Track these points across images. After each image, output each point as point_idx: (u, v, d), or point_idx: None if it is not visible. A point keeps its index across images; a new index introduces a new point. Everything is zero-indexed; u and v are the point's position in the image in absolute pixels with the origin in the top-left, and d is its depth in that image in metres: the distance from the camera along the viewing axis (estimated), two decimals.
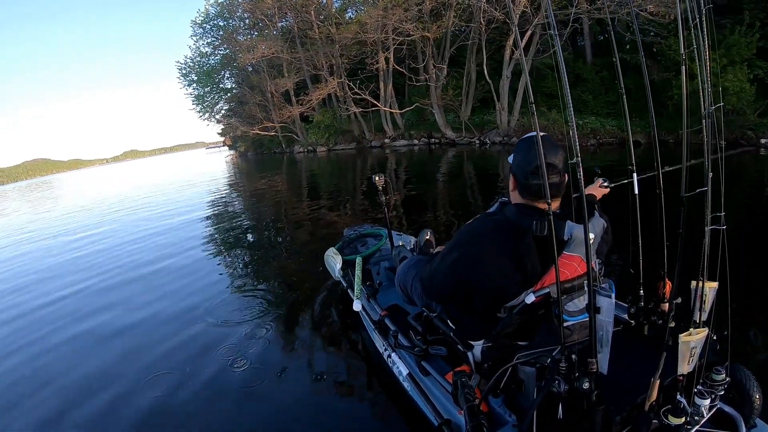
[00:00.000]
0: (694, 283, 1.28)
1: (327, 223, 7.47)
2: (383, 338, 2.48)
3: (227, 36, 31.06)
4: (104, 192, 22.66)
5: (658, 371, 1.32)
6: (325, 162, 21.92)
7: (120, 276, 5.74)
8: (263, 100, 28.92)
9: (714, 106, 1.25)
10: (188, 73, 36.19)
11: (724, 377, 1.27)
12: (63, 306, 4.85)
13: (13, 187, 56.67)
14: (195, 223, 8.96)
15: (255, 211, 10.17)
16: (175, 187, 17.33)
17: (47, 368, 3.47)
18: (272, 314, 3.87)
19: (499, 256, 1.59)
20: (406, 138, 23.47)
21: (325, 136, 27.81)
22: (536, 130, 1.37)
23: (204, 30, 33.80)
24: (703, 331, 1.23)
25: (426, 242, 3.01)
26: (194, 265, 5.77)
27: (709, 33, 1.26)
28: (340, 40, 21.90)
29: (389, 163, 17.12)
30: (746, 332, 2.60)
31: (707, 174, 1.23)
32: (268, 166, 24.82)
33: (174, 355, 3.38)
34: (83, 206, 16.33)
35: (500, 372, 1.59)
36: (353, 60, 22.92)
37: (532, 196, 1.60)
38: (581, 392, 1.32)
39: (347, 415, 2.48)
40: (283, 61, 25.82)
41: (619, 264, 3.31)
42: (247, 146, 39.17)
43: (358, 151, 24.67)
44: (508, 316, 1.63)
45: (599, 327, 1.34)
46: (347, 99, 24.10)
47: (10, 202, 26.88)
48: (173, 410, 2.69)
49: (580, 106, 15.70)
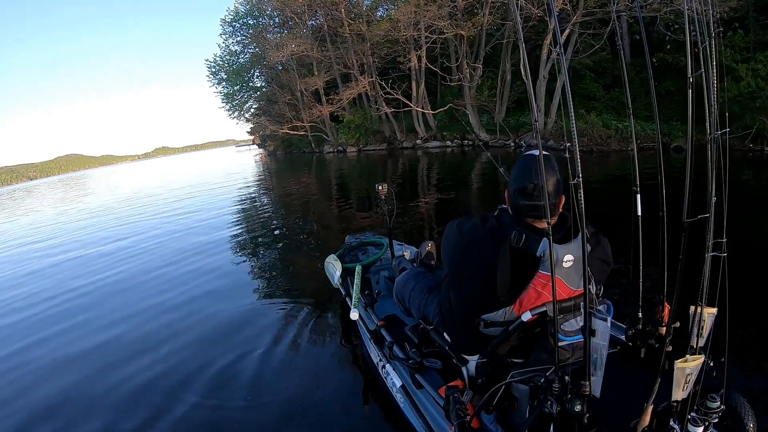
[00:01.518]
0: (693, 308, 1.27)
1: (356, 227, 7.32)
2: (378, 348, 2.47)
3: (256, 34, 30.72)
4: (138, 188, 23.17)
5: (652, 396, 1.30)
6: (355, 163, 21.54)
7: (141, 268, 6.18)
8: (293, 99, 28.63)
9: (720, 131, 1.24)
10: (217, 72, 36.11)
11: (719, 404, 1.25)
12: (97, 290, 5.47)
13: (47, 182, 57.98)
14: (219, 222, 9.03)
15: (282, 211, 10.05)
16: (205, 187, 17.14)
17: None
18: (273, 319, 3.88)
19: (483, 254, 1.59)
20: (438, 139, 22.64)
21: (356, 136, 27.13)
22: (539, 147, 1.36)
23: (233, 28, 33.70)
24: (700, 358, 1.22)
25: (427, 254, 3.00)
26: (212, 263, 5.97)
27: (718, 55, 1.25)
28: (371, 38, 21.29)
29: (421, 165, 16.70)
30: (743, 359, 2.56)
31: (710, 199, 1.22)
32: (297, 166, 24.62)
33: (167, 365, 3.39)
34: (122, 199, 17.32)
35: (493, 389, 1.57)
36: (385, 59, 22.29)
37: (521, 215, 1.61)
38: (573, 414, 1.30)
39: (338, 424, 2.46)
40: (313, 59, 25.37)
41: (618, 285, 3.28)
42: (276, 145, 38.95)
43: (389, 152, 24.12)
44: (503, 332, 1.62)
45: (594, 350, 1.32)
46: (378, 99, 23.35)
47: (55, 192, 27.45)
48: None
49: (619, 109, 15.15)
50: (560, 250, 1.48)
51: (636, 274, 1.89)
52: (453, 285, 1.78)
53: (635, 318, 1.87)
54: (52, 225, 12.56)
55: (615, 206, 6.52)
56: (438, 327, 1.97)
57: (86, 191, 28.33)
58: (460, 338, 1.81)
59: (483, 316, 1.63)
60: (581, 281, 1.42)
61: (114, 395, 2.99)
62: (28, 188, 50.62)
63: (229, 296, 4.62)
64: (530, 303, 1.57)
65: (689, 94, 1.37)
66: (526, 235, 1.51)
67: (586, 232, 1.29)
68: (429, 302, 2.10)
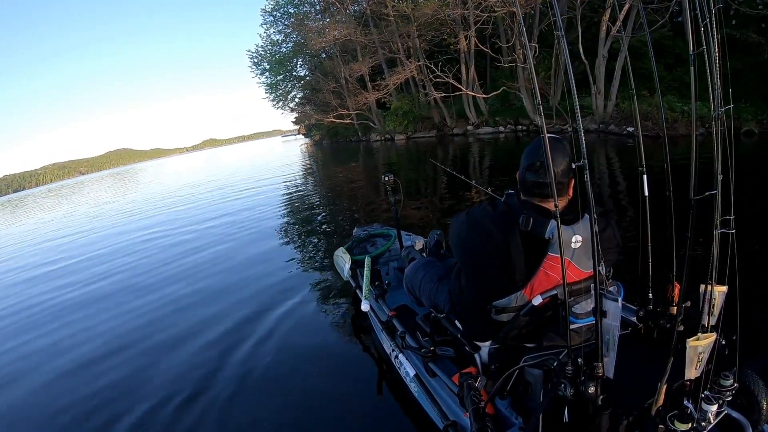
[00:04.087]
0: (703, 286, 1.27)
1: (402, 217, 7.11)
2: (391, 339, 2.49)
3: (298, 22, 29.94)
4: (194, 179, 23.79)
5: (665, 376, 1.30)
6: (404, 151, 20.78)
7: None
8: (337, 87, 28.07)
9: (723, 108, 1.24)
10: (260, 62, 35.95)
11: (732, 382, 1.25)
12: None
13: (99, 176, 60.27)
14: (264, 215, 9.14)
15: (329, 204, 9.90)
16: (252, 180, 17.11)
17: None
18: (288, 311, 3.93)
19: (494, 241, 1.60)
20: (490, 125, 20.98)
21: (404, 123, 25.96)
22: (543, 132, 1.36)
23: (274, 18, 33.47)
24: (711, 336, 1.22)
25: (436, 243, 3.01)
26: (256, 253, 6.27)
27: (719, 32, 1.24)
28: (417, 18, 19.86)
29: (472, 153, 15.76)
30: (756, 336, 2.55)
31: (717, 176, 1.22)
32: (343, 156, 24.22)
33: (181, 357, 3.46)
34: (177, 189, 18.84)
35: (507, 374, 1.58)
36: (431, 42, 21.17)
37: (529, 193, 1.62)
38: (587, 396, 1.31)
39: (353, 415, 2.49)
40: (356, 44, 24.45)
41: (628, 266, 3.28)
42: (322, 134, 38.58)
43: (438, 140, 22.82)
44: (515, 317, 1.63)
45: (606, 331, 1.33)
46: (426, 83, 21.92)
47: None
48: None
49: (683, 90, 13.75)
50: (568, 231, 1.49)
51: (645, 254, 1.89)
52: (464, 273, 1.79)
53: (646, 299, 1.87)
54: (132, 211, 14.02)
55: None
56: (449, 315, 1.98)
57: (147, 180, 30.97)
58: (471, 325, 1.82)
59: (494, 303, 1.64)
60: (591, 263, 1.42)
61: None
62: (81, 182, 52.95)
63: (247, 288, 4.77)
64: (541, 287, 1.57)
65: (691, 71, 1.36)
66: (534, 218, 1.52)
67: (593, 213, 1.30)
68: (439, 291, 2.11)
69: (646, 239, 1.85)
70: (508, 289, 1.62)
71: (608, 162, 8.61)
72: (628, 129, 12.79)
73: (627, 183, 7.12)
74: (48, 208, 25.27)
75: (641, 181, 1.90)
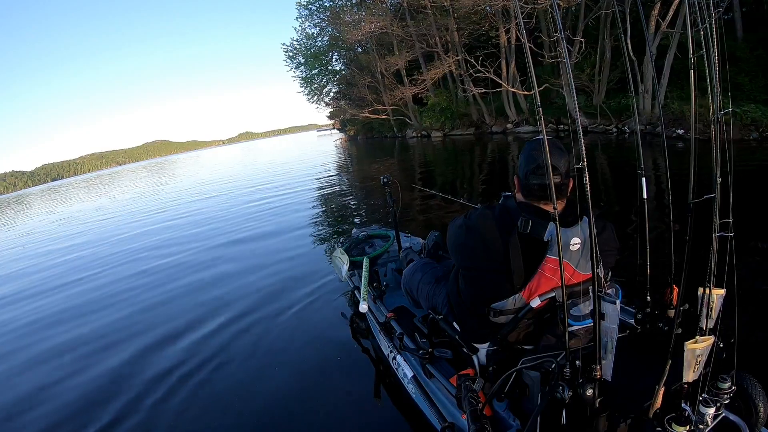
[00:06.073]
0: (701, 289, 1.27)
1: (437, 218, 6.91)
2: (389, 340, 2.48)
3: (333, 15, 29.11)
4: (231, 172, 24.13)
5: (663, 378, 1.30)
6: (441, 149, 20.03)
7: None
8: (373, 81, 27.32)
9: (723, 112, 1.24)
10: (295, 56, 35.54)
11: (729, 385, 1.25)
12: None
13: (137, 166, 61.64)
14: (288, 210, 9.29)
15: (362, 202, 9.60)
16: (287, 176, 16.93)
17: None
18: (286, 309, 3.93)
19: (493, 244, 1.61)
20: (530, 123, 19.79)
21: (441, 120, 24.89)
22: (542, 132, 1.36)
23: (309, 11, 32.79)
24: (709, 339, 1.22)
25: (434, 245, 3.01)
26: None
27: (719, 36, 1.25)
28: (456, 10, 19.02)
29: (511, 153, 14.57)
30: (753, 339, 2.55)
31: (715, 180, 1.22)
32: (378, 152, 23.50)
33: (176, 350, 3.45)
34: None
35: (504, 376, 1.58)
36: (471, 35, 20.20)
37: (532, 196, 1.62)
38: (584, 399, 1.31)
39: (351, 416, 2.48)
40: (393, 37, 23.33)
41: (626, 269, 3.28)
42: (357, 130, 37.90)
43: (477, 138, 21.67)
44: (513, 319, 1.63)
45: (604, 333, 1.33)
46: (465, 79, 20.86)
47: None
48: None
49: (734, 91, 12.17)
50: (567, 234, 1.49)
51: (644, 257, 1.89)
52: (462, 275, 1.79)
53: (644, 301, 1.87)
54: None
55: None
56: (447, 316, 1.98)
57: (187, 171, 32.18)
58: (469, 327, 1.82)
59: (492, 305, 1.64)
60: (589, 265, 1.42)
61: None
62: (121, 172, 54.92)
63: (246, 287, 4.77)
64: (539, 289, 1.58)
65: (691, 74, 1.37)
66: (533, 221, 1.52)
67: (591, 216, 1.30)
68: (437, 292, 2.11)
69: (645, 241, 1.85)
70: (506, 291, 1.61)
71: (655, 167, 7.96)
72: (678, 131, 12.11)
73: (675, 187, 6.87)
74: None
75: (639, 183, 1.90)
